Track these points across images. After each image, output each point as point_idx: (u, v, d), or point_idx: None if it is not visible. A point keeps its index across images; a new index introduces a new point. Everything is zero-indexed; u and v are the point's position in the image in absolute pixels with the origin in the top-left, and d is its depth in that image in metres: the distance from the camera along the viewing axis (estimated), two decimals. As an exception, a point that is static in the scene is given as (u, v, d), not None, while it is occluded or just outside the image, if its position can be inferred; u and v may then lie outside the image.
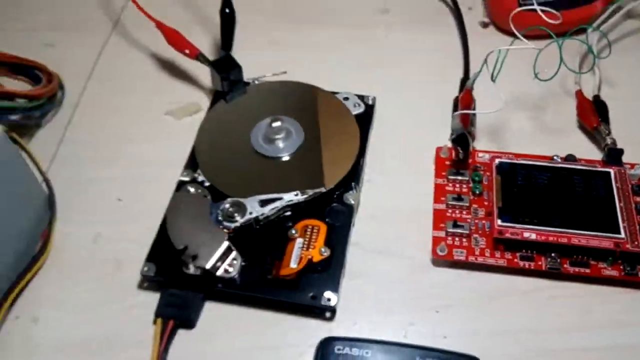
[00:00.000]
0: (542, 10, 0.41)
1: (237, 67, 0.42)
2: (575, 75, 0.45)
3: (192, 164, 0.40)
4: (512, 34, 0.40)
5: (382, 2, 0.53)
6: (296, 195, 0.37)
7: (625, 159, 0.41)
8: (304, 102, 0.43)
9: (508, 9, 0.42)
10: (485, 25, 0.51)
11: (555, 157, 0.41)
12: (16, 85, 0.46)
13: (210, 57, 0.45)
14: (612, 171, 0.39)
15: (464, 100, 0.42)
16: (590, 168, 0.40)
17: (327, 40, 0.50)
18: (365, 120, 0.43)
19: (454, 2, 0.52)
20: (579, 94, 0.44)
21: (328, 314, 0.35)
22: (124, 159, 0.43)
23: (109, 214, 0.40)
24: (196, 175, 0.39)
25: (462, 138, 0.40)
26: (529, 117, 0.45)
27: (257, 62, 0.46)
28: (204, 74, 0.46)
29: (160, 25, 0.43)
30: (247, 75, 0.45)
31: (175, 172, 0.40)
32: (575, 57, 0.46)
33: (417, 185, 0.41)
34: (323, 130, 0.41)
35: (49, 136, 0.44)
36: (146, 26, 0.45)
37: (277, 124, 0.40)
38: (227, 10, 0.45)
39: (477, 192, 0.40)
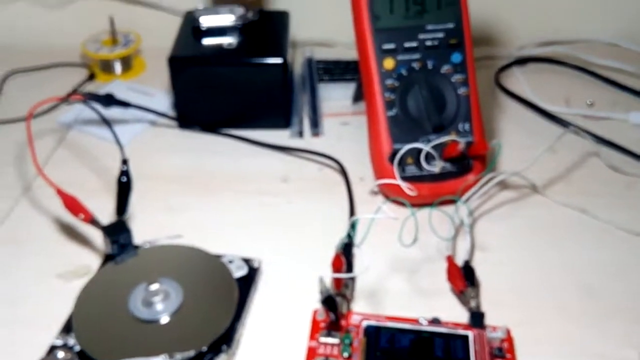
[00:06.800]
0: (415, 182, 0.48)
1: (126, 231, 0.46)
2: (446, 242, 0.49)
3: (68, 327, 0.42)
4: (398, 202, 0.46)
5: (283, 172, 0.58)
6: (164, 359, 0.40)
7: (493, 321, 0.44)
8: (188, 265, 0.47)
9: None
10: (375, 193, 0.56)
11: (420, 320, 0.44)
12: None
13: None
14: (470, 334, 0.43)
15: (335, 264, 0.45)
16: (451, 331, 0.43)
17: (225, 205, 0.55)
18: (248, 282, 0.46)
19: (344, 173, 0.57)
20: (449, 259, 0.48)
21: None
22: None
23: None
24: (69, 339, 0.41)
25: (330, 300, 0.42)
26: (407, 279, 0.48)
27: (156, 225, 0.51)
28: (100, 237, 0.49)
29: (59, 192, 0.46)
30: (144, 238, 0.49)
31: (52, 335, 0.42)
32: (450, 225, 0.50)
33: (293, 348, 0.43)
34: (202, 294, 0.44)
35: None
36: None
37: (154, 287, 0.43)
38: (123, 179, 0.49)
39: (346, 354, 0.42)
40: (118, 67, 0.72)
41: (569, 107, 0.65)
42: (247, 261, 0.47)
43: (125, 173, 0.49)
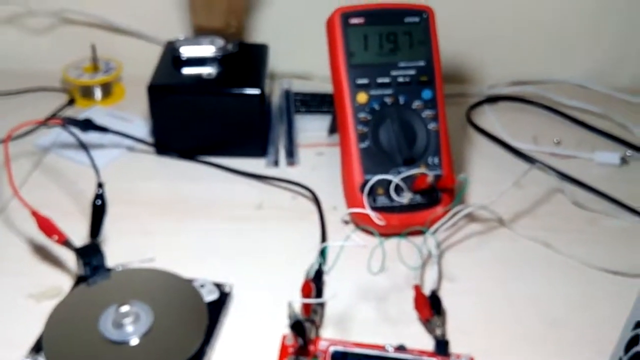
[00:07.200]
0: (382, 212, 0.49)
1: (99, 254, 0.46)
2: (413, 271, 0.50)
3: (38, 347, 0.43)
4: (369, 231, 0.48)
5: (257, 200, 0.59)
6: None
7: (458, 349, 0.45)
8: (160, 289, 0.47)
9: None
10: (346, 222, 0.57)
11: (387, 346, 0.45)
12: None
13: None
14: (434, 362, 0.44)
15: (304, 290, 0.46)
16: (416, 358, 0.44)
17: (200, 230, 0.55)
18: (219, 306, 0.47)
19: (317, 202, 0.58)
20: (416, 288, 0.49)
21: None
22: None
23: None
24: (39, 359, 0.42)
25: (298, 326, 0.43)
26: (375, 306, 0.49)
27: (131, 249, 0.52)
28: (73, 259, 0.49)
29: (33, 213, 0.47)
30: (118, 261, 0.49)
31: (21, 355, 0.42)
32: (418, 255, 0.51)
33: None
34: (172, 317, 0.45)
35: None
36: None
37: (125, 308, 0.44)
38: (98, 202, 0.49)
39: (312, 380, 0.43)
40: (98, 93, 0.73)
41: (537, 144, 0.68)
42: (218, 286, 0.48)
43: (100, 196, 0.50)
